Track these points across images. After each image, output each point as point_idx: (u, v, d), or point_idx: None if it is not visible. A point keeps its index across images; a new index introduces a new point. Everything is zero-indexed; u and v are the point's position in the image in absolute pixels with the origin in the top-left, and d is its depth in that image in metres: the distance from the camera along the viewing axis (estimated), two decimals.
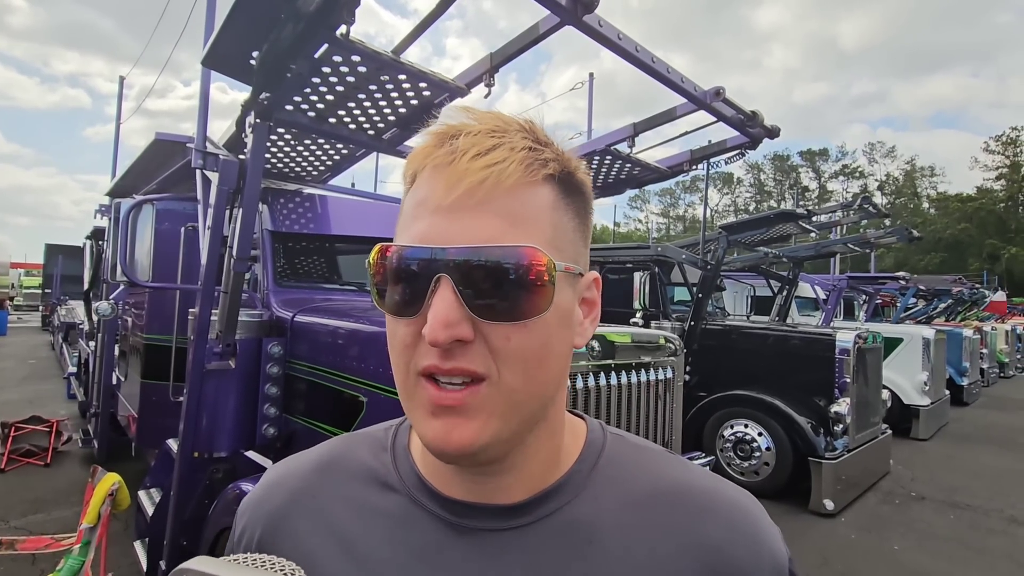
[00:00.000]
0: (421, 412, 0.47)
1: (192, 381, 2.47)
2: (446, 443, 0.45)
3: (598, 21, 1.88)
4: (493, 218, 0.45)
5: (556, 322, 0.47)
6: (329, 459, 0.60)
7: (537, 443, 0.52)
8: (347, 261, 3.59)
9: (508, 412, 0.46)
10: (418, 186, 0.49)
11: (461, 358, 0.44)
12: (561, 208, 0.49)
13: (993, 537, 4.40)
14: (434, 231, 0.45)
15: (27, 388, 9.04)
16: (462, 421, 0.45)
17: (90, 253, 6.80)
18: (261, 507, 0.59)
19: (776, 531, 0.53)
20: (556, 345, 0.48)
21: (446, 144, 0.46)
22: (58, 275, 15.80)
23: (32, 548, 2.62)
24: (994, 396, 11.64)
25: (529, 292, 0.45)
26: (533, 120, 0.50)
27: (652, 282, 6.08)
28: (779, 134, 2.92)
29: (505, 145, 0.45)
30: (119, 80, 5.56)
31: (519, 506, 0.51)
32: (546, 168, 0.47)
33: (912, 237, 7.43)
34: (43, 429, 5.44)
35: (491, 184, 0.44)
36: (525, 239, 0.45)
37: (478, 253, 0.44)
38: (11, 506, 4.23)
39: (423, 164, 0.48)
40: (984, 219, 40.56)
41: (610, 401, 2.32)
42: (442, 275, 0.44)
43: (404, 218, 0.49)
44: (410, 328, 0.46)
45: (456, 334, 0.43)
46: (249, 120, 2.20)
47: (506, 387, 0.45)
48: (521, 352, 0.45)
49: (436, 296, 0.44)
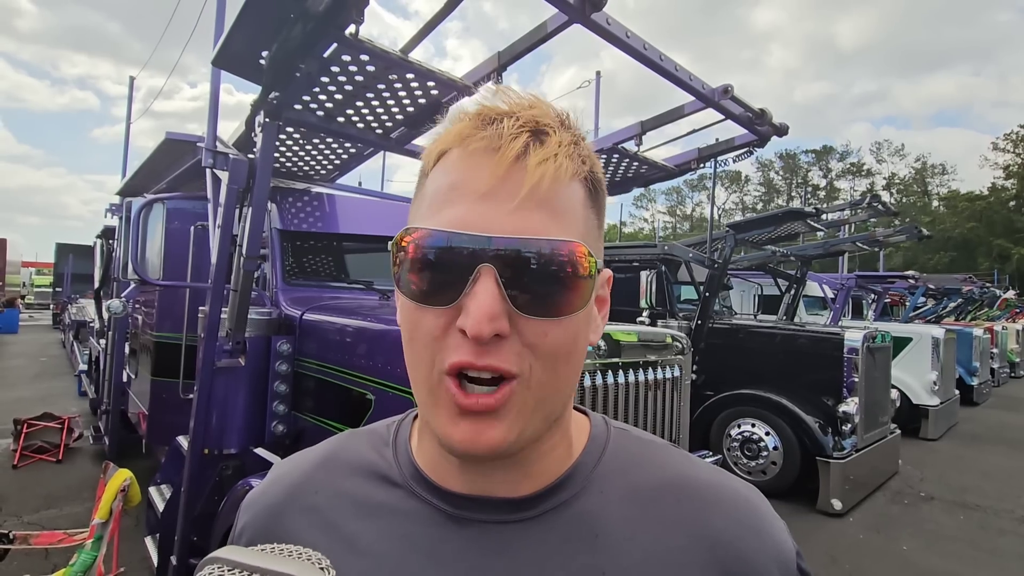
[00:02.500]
0: (445, 413, 0.45)
1: (202, 378, 2.49)
2: (475, 445, 0.44)
3: (606, 19, 1.88)
4: (538, 211, 0.43)
5: (584, 318, 0.47)
6: (331, 454, 0.60)
7: (551, 439, 0.52)
8: (355, 259, 3.61)
9: (535, 410, 0.45)
10: (449, 168, 0.46)
11: (496, 355, 0.43)
12: (589, 205, 0.48)
13: (1003, 538, 4.37)
14: (475, 218, 0.43)
15: (39, 385, 9.14)
16: (492, 422, 0.44)
17: (101, 252, 6.86)
18: (263, 501, 0.59)
19: (782, 524, 0.53)
20: (582, 342, 0.48)
21: (488, 128, 0.45)
22: (68, 274, 15.97)
23: (45, 543, 2.66)
24: (1005, 396, 11.53)
25: (571, 288, 0.44)
26: (569, 112, 0.49)
27: (659, 281, 6.06)
28: (788, 132, 2.90)
29: (556, 139, 0.44)
30: (129, 80, 5.62)
31: (524, 500, 0.51)
32: (584, 165, 0.47)
33: (921, 235, 7.36)
34: (55, 426, 5.50)
35: (550, 179, 0.43)
36: (566, 234, 0.44)
37: (526, 245, 0.42)
38: (24, 502, 4.29)
39: (457, 145, 0.46)
40: (992, 218, 40.12)
41: (616, 399, 2.32)
42: (486, 265, 0.42)
43: (432, 199, 0.47)
44: (440, 319, 0.44)
45: (498, 328, 0.42)
46: (259, 119, 2.22)
47: (536, 384, 0.44)
48: (555, 348, 0.44)
49: (479, 287, 0.42)
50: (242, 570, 0.39)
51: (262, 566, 0.39)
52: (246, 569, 0.39)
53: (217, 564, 0.40)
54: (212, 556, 0.40)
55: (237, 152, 2.51)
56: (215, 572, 0.39)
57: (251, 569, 0.39)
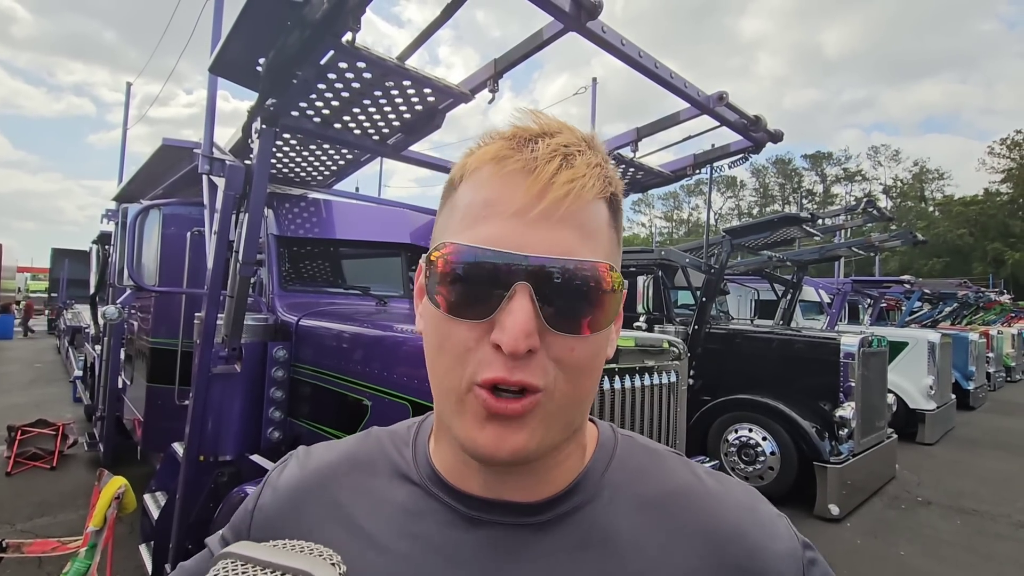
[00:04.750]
0: (471, 419, 0.46)
1: (198, 385, 2.48)
2: (498, 450, 0.46)
3: (601, 27, 1.90)
4: (570, 231, 0.46)
5: (607, 335, 0.49)
6: (354, 451, 0.62)
7: (567, 448, 0.53)
8: (352, 265, 3.60)
9: (556, 420, 0.47)
10: (483, 184, 0.48)
11: (525, 369, 0.44)
12: (612, 225, 0.50)
13: (1000, 542, 4.37)
14: (511, 236, 0.45)
15: (33, 391, 9.09)
16: (515, 428, 0.45)
17: (96, 257, 6.84)
18: (287, 484, 0.61)
19: (785, 520, 0.54)
20: (602, 356, 0.50)
21: (523, 149, 0.46)
22: (64, 279, 15.87)
23: (38, 551, 2.64)
24: (1001, 400, 11.56)
25: (599, 306, 0.46)
26: (594, 135, 0.51)
27: (656, 286, 6.08)
28: (782, 138, 2.92)
29: (583, 160, 0.47)
30: (126, 86, 5.62)
31: (536, 505, 0.52)
32: (610, 186, 0.49)
33: (916, 241, 7.40)
34: (49, 432, 5.46)
35: (574, 197, 0.45)
36: (595, 254, 0.46)
37: (559, 264, 0.44)
38: (17, 509, 4.25)
39: (490, 163, 0.48)
40: (986, 223, 40.35)
41: (614, 405, 2.32)
42: (523, 283, 0.44)
43: (465, 214, 0.48)
44: (473, 332, 0.46)
45: (532, 343, 0.44)
46: (255, 126, 2.22)
47: (559, 396, 0.46)
48: (579, 363, 0.47)
49: (515, 303, 0.44)
50: (255, 565, 0.40)
51: (275, 561, 0.40)
52: (259, 564, 0.40)
53: (231, 559, 0.41)
54: (226, 551, 0.41)
55: (234, 158, 2.52)
56: (228, 567, 0.40)
57: (264, 564, 0.40)
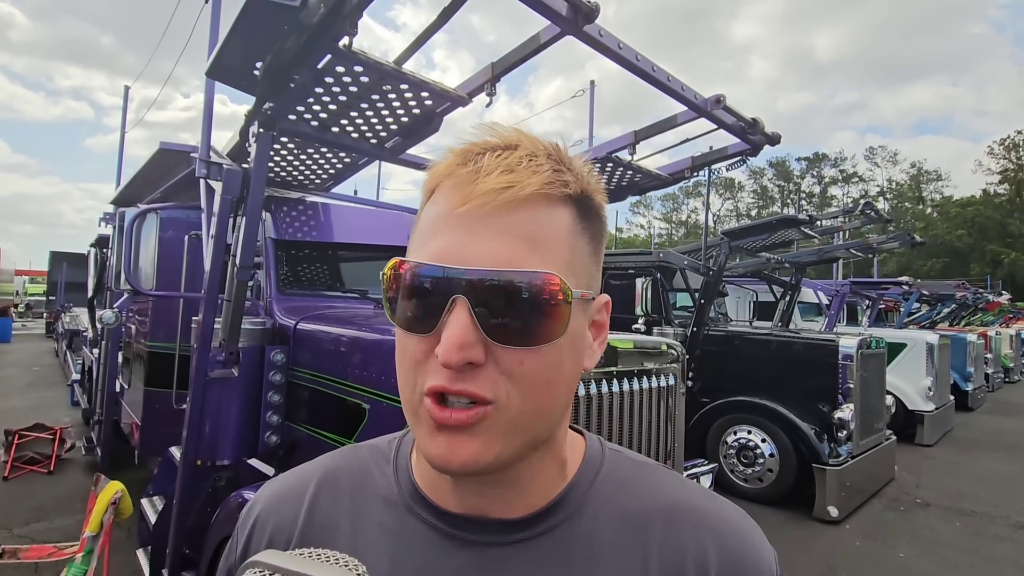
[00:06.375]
0: (425, 429, 0.47)
1: (195, 389, 2.48)
2: (449, 461, 0.45)
3: (599, 31, 1.90)
4: (512, 239, 0.45)
5: (568, 346, 0.48)
6: (333, 470, 0.60)
7: (541, 461, 0.52)
8: (350, 269, 3.60)
9: (512, 434, 0.46)
10: (436, 201, 0.49)
11: (470, 381, 0.44)
12: (578, 232, 0.49)
13: (1000, 544, 4.37)
14: (452, 249, 0.45)
15: (31, 395, 9.06)
16: (465, 439, 0.45)
17: (94, 261, 6.83)
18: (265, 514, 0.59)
19: (771, 553, 0.53)
20: (566, 369, 0.48)
21: (470, 163, 0.46)
22: (62, 282, 15.85)
23: (35, 557, 2.63)
24: (999, 401, 11.57)
25: (546, 318, 0.44)
26: (559, 144, 0.50)
27: (654, 288, 6.08)
28: (780, 141, 2.93)
29: (529, 165, 0.46)
30: (124, 90, 5.62)
31: (519, 521, 0.52)
32: (566, 188, 0.47)
33: (914, 242, 7.41)
34: (47, 436, 5.45)
35: (507, 198, 0.44)
36: (544, 263, 0.45)
37: (496, 276, 0.44)
38: (14, 514, 4.23)
39: (444, 180, 0.48)
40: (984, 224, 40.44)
41: (612, 408, 2.31)
42: (459, 296, 0.44)
43: (421, 232, 0.49)
44: (422, 345, 0.46)
45: (469, 357, 0.43)
46: (253, 130, 2.22)
47: (514, 410, 0.45)
48: (532, 376, 0.45)
49: (452, 317, 0.44)
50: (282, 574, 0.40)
51: (301, 571, 0.40)
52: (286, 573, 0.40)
53: (258, 568, 0.41)
54: (253, 560, 0.41)
55: (231, 162, 2.51)
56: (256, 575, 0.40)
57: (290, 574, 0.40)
